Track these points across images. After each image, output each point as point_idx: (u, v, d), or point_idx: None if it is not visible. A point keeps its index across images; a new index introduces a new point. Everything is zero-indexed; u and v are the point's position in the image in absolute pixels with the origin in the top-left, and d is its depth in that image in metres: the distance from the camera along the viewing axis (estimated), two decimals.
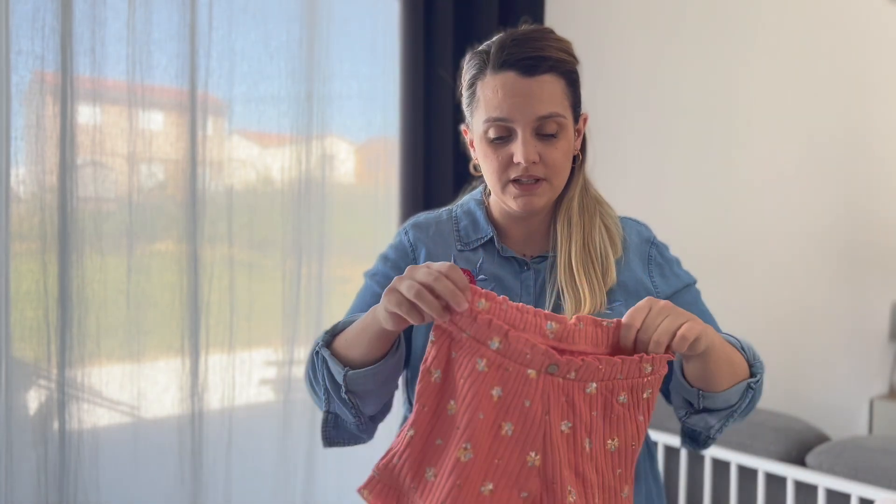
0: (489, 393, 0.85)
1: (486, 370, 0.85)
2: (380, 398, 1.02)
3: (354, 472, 2.16)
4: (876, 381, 3.97)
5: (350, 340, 0.98)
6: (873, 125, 3.88)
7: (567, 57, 1.04)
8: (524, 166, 1.01)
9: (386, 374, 0.99)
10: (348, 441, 1.08)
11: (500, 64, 1.01)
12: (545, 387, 0.86)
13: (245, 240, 1.99)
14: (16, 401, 1.68)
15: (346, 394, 0.98)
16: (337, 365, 0.97)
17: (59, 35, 1.67)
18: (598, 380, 0.88)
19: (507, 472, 0.86)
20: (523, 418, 0.86)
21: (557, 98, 1.02)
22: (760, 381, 1.03)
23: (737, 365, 1.00)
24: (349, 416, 1.01)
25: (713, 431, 1.05)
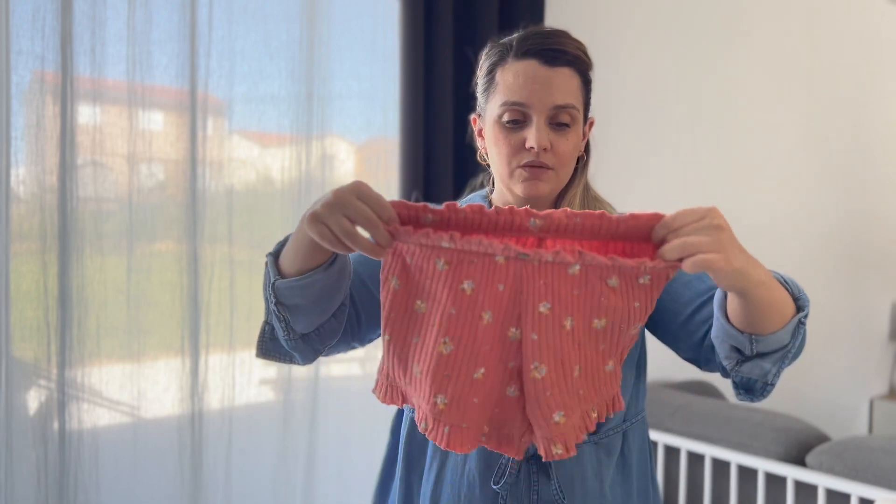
0: (459, 288, 0.85)
1: (447, 268, 0.85)
2: (311, 316, 0.98)
3: (355, 473, 2.16)
4: (876, 381, 3.97)
5: (287, 251, 0.96)
6: (874, 125, 3.88)
7: (584, 57, 1.08)
8: (535, 151, 1.03)
9: (317, 289, 0.95)
10: (282, 357, 1.04)
11: (524, 52, 1.04)
12: (517, 271, 0.85)
13: (245, 240, 1.99)
14: (16, 401, 1.68)
15: (275, 305, 0.96)
16: (272, 274, 0.96)
17: (59, 35, 1.67)
18: (583, 263, 0.84)
19: (495, 352, 0.88)
20: (500, 302, 0.86)
21: (573, 92, 1.05)
22: (808, 317, 0.96)
23: (784, 302, 0.93)
24: (279, 329, 0.99)
25: (771, 377, 0.96)
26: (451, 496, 1.07)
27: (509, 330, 0.88)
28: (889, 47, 3.92)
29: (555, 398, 0.88)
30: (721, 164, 3.15)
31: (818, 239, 3.62)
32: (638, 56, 2.82)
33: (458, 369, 0.87)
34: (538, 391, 0.88)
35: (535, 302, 0.86)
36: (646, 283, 0.85)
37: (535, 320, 0.86)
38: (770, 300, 0.90)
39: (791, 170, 3.46)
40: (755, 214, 3.27)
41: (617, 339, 0.90)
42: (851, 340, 3.84)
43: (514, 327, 0.88)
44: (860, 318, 3.89)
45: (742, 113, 3.23)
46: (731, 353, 0.96)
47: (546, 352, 0.87)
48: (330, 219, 0.84)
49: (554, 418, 0.89)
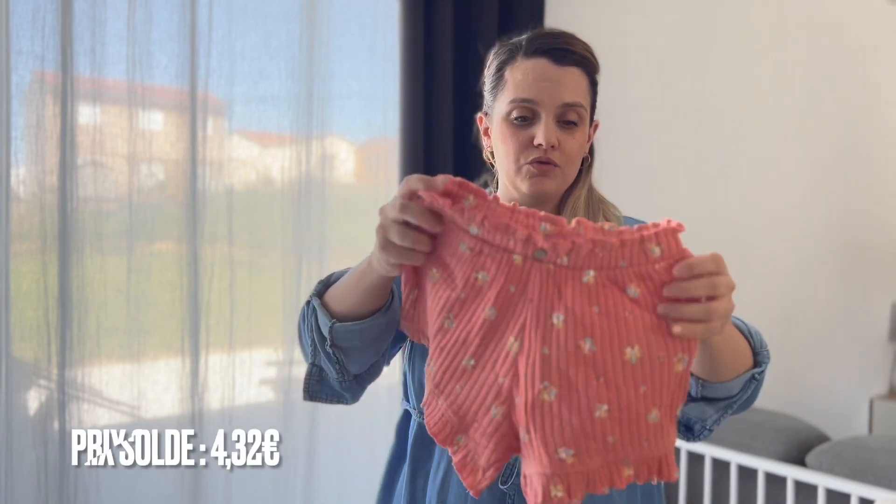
0: (473, 276, 0.82)
1: (469, 253, 0.82)
2: (366, 357, 1.00)
3: (355, 473, 2.16)
4: (876, 381, 3.97)
5: (342, 292, 0.96)
6: (874, 126, 3.88)
7: (592, 59, 1.09)
8: (544, 148, 1.04)
9: (375, 332, 0.96)
10: (330, 398, 1.05)
11: (534, 51, 1.06)
12: (532, 273, 0.80)
13: (245, 240, 1.99)
14: (16, 401, 1.68)
15: (330, 347, 0.96)
16: (325, 316, 0.96)
17: (59, 35, 1.67)
18: (596, 267, 0.77)
19: (488, 354, 0.82)
20: (507, 304, 0.81)
21: (582, 91, 1.06)
22: (764, 375, 0.98)
23: (742, 354, 0.95)
24: (333, 371, 0.99)
25: (710, 423, 1.00)
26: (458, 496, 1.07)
27: (508, 339, 0.81)
28: (889, 47, 3.92)
29: (564, 431, 0.78)
30: (721, 164, 3.15)
31: (818, 239, 3.62)
32: (637, 56, 2.82)
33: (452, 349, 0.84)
34: (545, 417, 0.78)
35: (547, 311, 0.79)
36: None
37: (548, 333, 0.79)
38: (725, 352, 0.91)
39: (791, 170, 3.46)
40: (756, 215, 3.27)
41: (659, 378, 0.77)
42: (851, 340, 3.84)
43: (513, 337, 0.80)
44: (860, 318, 3.89)
45: (742, 114, 3.23)
46: None
47: (557, 373, 0.78)
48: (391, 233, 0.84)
49: (559, 454, 0.78)
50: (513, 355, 0.80)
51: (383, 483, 1.19)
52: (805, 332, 3.54)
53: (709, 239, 3.02)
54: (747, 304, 3.27)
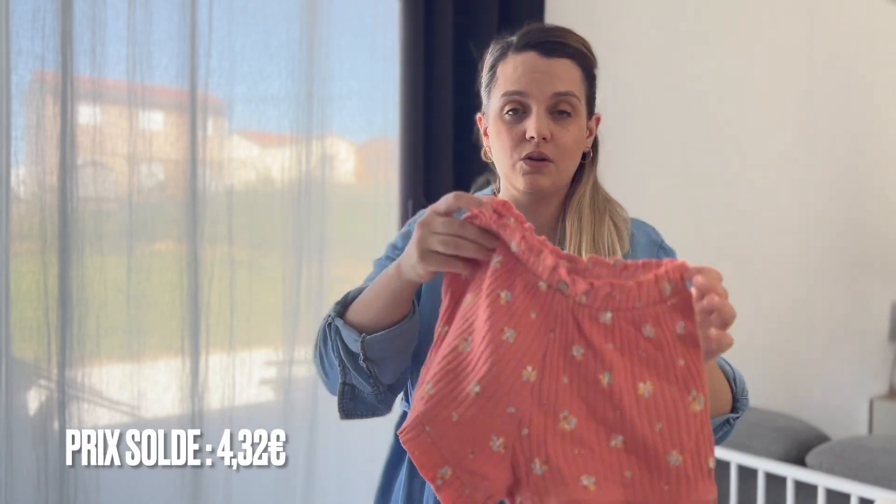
0: (497, 293, 0.82)
1: (499, 268, 0.82)
2: (397, 365, 1.02)
3: (354, 473, 2.16)
4: (876, 381, 3.97)
5: (364, 306, 0.98)
6: (874, 125, 3.88)
7: (587, 52, 1.08)
8: (536, 141, 1.02)
9: (404, 339, 0.99)
10: (366, 413, 1.06)
11: (523, 45, 1.05)
12: (555, 303, 0.80)
13: (245, 240, 1.99)
14: (16, 401, 1.68)
15: (364, 362, 0.98)
16: (352, 333, 0.97)
17: (59, 35, 1.67)
18: (614, 308, 0.79)
19: (499, 381, 0.80)
20: (526, 329, 0.80)
21: (574, 81, 1.05)
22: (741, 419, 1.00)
23: (722, 397, 0.97)
24: (367, 386, 1.01)
25: None
26: None
27: (524, 368, 0.80)
28: (889, 47, 3.92)
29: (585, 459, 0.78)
30: (721, 164, 3.15)
31: (819, 239, 3.62)
32: (637, 55, 2.82)
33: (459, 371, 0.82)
34: (566, 445, 0.78)
35: (567, 343, 0.80)
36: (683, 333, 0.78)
37: (568, 364, 0.79)
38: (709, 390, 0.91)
39: (792, 170, 3.46)
40: (756, 215, 3.27)
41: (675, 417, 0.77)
42: (851, 340, 3.84)
43: (530, 366, 0.80)
44: (860, 318, 3.89)
45: (742, 114, 3.23)
46: None
47: (577, 402, 0.79)
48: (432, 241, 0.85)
49: (582, 481, 0.77)
50: (529, 385, 0.80)
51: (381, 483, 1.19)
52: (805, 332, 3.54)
53: (709, 239, 3.02)
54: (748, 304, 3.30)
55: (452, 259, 0.85)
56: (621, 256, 1.08)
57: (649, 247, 1.13)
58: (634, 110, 2.81)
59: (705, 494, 0.78)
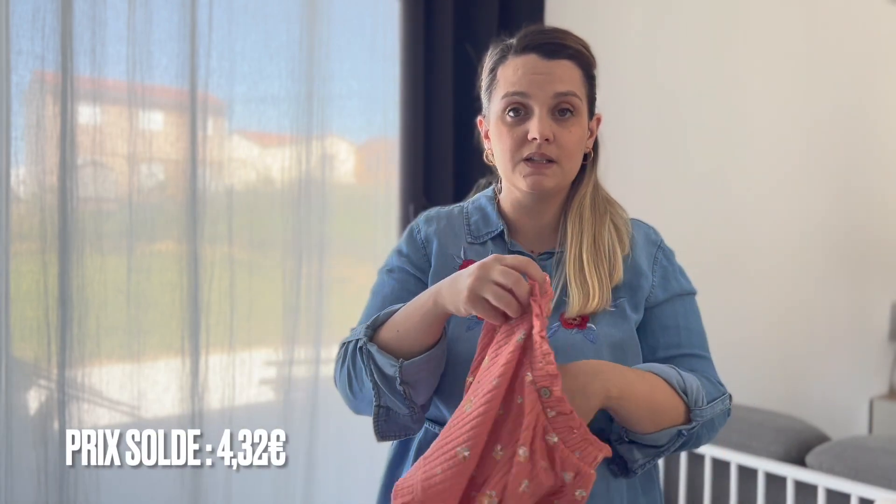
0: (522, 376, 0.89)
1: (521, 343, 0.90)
2: (430, 386, 1.04)
3: (354, 473, 2.16)
4: (876, 381, 3.97)
5: (398, 332, 1.01)
6: (873, 125, 3.88)
7: (586, 52, 1.08)
8: (538, 143, 1.03)
9: (436, 361, 1.01)
10: (400, 433, 1.08)
11: (523, 47, 1.05)
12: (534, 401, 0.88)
13: (245, 240, 1.99)
14: (16, 401, 1.68)
15: (400, 385, 0.99)
16: (388, 358, 0.99)
17: (59, 35, 1.67)
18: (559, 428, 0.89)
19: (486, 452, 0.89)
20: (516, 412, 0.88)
21: (575, 81, 1.06)
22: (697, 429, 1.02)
23: (665, 412, 1.00)
24: (402, 408, 1.02)
25: (636, 466, 1.04)
26: None
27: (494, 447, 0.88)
28: (889, 47, 3.92)
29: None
30: (721, 164, 3.15)
31: (819, 239, 3.62)
32: (637, 54, 2.82)
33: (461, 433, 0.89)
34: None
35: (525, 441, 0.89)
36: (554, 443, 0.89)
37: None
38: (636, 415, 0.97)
39: (791, 170, 3.46)
40: (756, 215, 3.27)
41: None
42: (851, 340, 3.84)
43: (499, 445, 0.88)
44: (860, 318, 3.89)
45: (742, 114, 3.23)
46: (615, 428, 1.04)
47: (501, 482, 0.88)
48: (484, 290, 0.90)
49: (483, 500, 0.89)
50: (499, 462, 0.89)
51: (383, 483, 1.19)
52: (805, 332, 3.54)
53: (710, 240, 3.02)
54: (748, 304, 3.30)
55: (497, 311, 0.90)
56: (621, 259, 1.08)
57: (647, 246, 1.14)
58: (635, 111, 2.81)
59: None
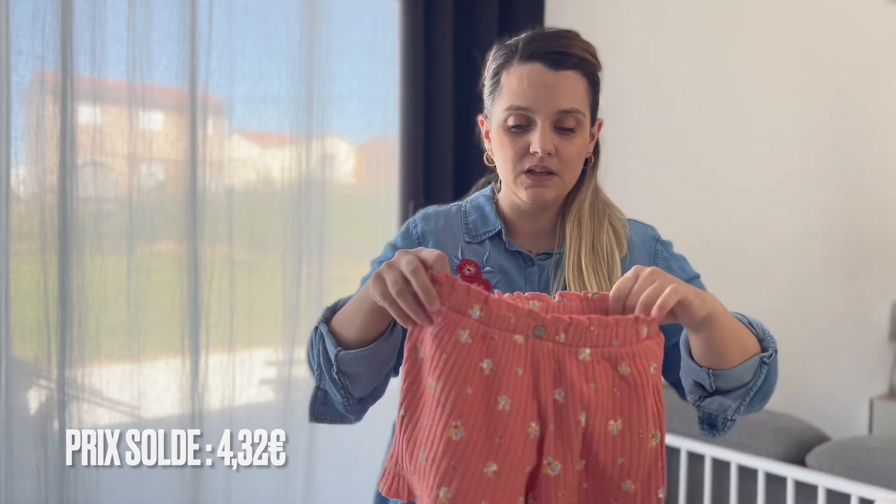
0: (478, 366, 0.80)
1: (471, 342, 0.80)
2: (370, 382, 1.01)
3: (354, 473, 2.16)
4: (876, 381, 3.97)
5: (346, 319, 0.98)
6: (873, 125, 3.88)
7: (592, 59, 1.07)
8: (540, 156, 1.02)
9: (379, 358, 0.98)
10: (335, 419, 1.07)
11: (528, 55, 1.04)
12: (535, 352, 0.81)
13: (245, 240, 1.99)
14: (16, 401, 1.68)
15: (336, 374, 0.98)
16: (331, 343, 0.98)
17: (59, 35, 1.67)
18: (592, 345, 0.82)
19: (512, 449, 0.80)
20: (519, 389, 0.80)
21: (579, 95, 1.04)
22: (774, 358, 0.99)
23: (745, 340, 0.97)
24: (338, 395, 1.01)
25: (731, 413, 1.00)
26: None
27: (529, 425, 0.81)
28: (889, 47, 3.92)
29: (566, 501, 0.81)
30: (721, 165, 3.15)
31: (818, 239, 3.62)
32: (637, 55, 2.82)
33: (466, 460, 0.78)
34: (550, 490, 0.81)
35: (549, 388, 0.82)
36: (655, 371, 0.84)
37: (551, 409, 0.81)
38: (728, 334, 0.93)
39: (791, 170, 3.46)
40: (756, 216, 3.27)
41: (637, 451, 0.83)
42: (851, 340, 3.84)
43: (533, 422, 0.81)
44: (860, 318, 3.89)
45: (742, 114, 3.23)
46: (694, 388, 1.00)
47: (559, 447, 0.81)
48: (387, 274, 0.85)
49: None
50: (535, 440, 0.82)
51: None
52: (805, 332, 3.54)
53: (709, 240, 3.02)
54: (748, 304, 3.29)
55: (391, 301, 0.85)
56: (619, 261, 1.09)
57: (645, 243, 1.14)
58: (635, 112, 2.81)
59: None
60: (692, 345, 0.95)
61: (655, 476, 0.84)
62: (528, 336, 0.81)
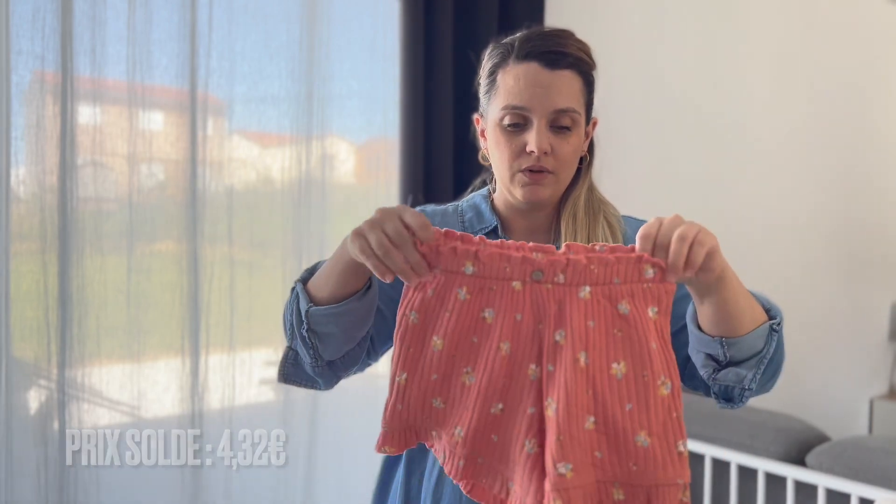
0: (480, 316, 0.84)
1: (469, 297, 0.84)
2: (341, 344, 1.01)
3: (354, 473, 2.16)
4: (876, 381, 3.97)
5: (321, 278, 0.98)
6: (873, 125, 3.88)
7: (587, 58, 1.07)
8: (536, 156, 1.03)
9: (351, 318, 0.98)
10: (304, 382, 1.06)
11: (525, 54, 1.04)
12: (533, 296, 0.83)
13: (245, 240, 1.99)
14: (16, 401, 1.68)
15: (306, 331, 0.98)
16: (304, 300, 0.98)
17: (59, 35, 1.67)
18: (592, 283, 0.81)
19: (514, 390, 0.84)
20: (518, 334, 0.83)
21: (575, 94, 1.05)
22: (781, 330, 0.99)
23: (754, 306, 0.96)
24: (307, 356, 1.01)
25: (748, 382, 0.97)
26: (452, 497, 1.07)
27: (528, 367, 0.83)
28: (889, 47, 3.92)
29: (563, 445, 0.79)
30: (721, 165, 3.15)
31: (819, 239, 3.62)
32: (637, 54, 2.82)
33: (477, 401, 0.84)
34: (549, 431, 0.81)
35: (550, 330, 0.82)
36: (655, 317, 0.81)
37: (551, 351, 0.82)
38: (739, 299, 0.93)
39: (791, 170, 3.46)
40: (756, 215, 3.27)
41: (644, 397, 0.80)
42: (851, 340, 3.84)
43: (533, 364, 0.83)
44: (860, 318, 3.89)
45: (742, 114, 3.23)
46: (706, 361, 0.98)
47: (559, 388, 0.80)
48: (370, 234, 0.86)
49: (559, 469, 0.79)
50: (535, 382, 0.83)
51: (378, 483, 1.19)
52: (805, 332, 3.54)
53: None
54: None
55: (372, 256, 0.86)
56: None
57: None
58: (634, 111, 2.81)
59: (674, 476, 0.80)
60: (702, 314, 0.94)
61: (672, 428, 0.80)
62: (526, 281, 0.83)
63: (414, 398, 0.88)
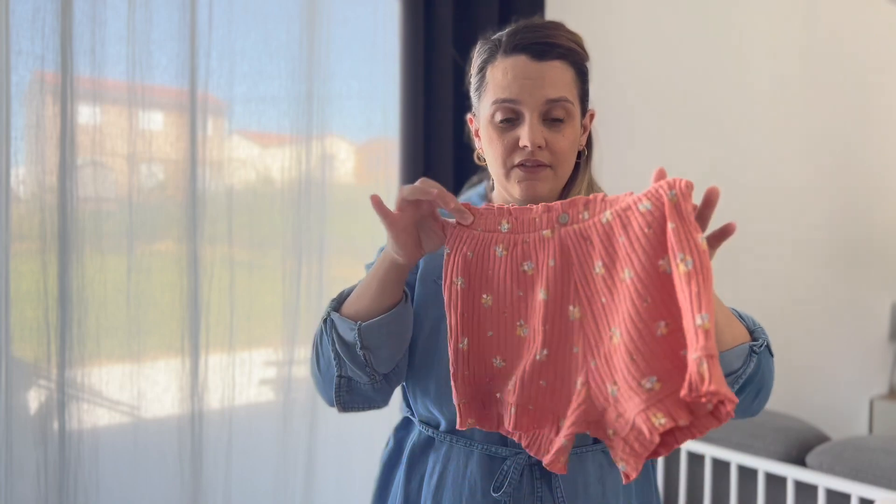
0: (520, 270, 0.90)
1: (506, 252, 0.90)
2: (392, 353, 1.02)
3: (355, 473, 2.16)
4: (876, 381, 3.97)
5: (357, 296, 1.01)
6: (873, 125, 3.88)
7: (578, 49, 1.05)
8: (530, 150, 1.00)
9: (398, 325, 1.00)
10: (363, 405, 1.06)
11: (512, 48, 1.02)
12: (563, 240, 0.88)
13: (245, 240, 1.99)
14: (16, 401, 1.68)
15: (360, 350, 0.98)
16: (347, 323, 0.99)
17: (59, 35, 1.67)
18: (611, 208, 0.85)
19: (556, 333, 0.88)
20: (553, 278, 0.88)
21: (566, 84, 1.02)
22: (766, 352, 0.97)
23: (735, 327, 0.96)
24: (363, 376, 1.01)
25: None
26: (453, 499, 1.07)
27: (567, 309, 0.87)
28: (889, 47, 3.92)
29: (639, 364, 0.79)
30: (721, 163, 3.15)
31: (818, 239, 3.62)
32: (638, 53, 2.82)
33: (528, 350, 0.90)
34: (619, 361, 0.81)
35: (590, 266, 0.86)
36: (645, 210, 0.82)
37: (599, 284, 0.85)
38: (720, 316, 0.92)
39: (790, 170, 3.46)
40: (755, 215, 3.27)
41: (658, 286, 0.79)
42: (851, 340, 3.84)
43: (571, 305, 0.87)
44: (860, 318, 3.89)
45: (742, 112, 3.23)
46: None
47: (617, 315, 0.82)
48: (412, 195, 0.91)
49: (645, 385, 0.79)
50: (577, 322, 0.87)
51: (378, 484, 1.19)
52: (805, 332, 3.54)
53: None
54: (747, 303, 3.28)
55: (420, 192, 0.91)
56: None
57: None
58: (634, 105, 2.81)
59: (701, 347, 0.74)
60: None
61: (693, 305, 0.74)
62: (555, 228, 0.88)
63: (476, 360, 0.93)
